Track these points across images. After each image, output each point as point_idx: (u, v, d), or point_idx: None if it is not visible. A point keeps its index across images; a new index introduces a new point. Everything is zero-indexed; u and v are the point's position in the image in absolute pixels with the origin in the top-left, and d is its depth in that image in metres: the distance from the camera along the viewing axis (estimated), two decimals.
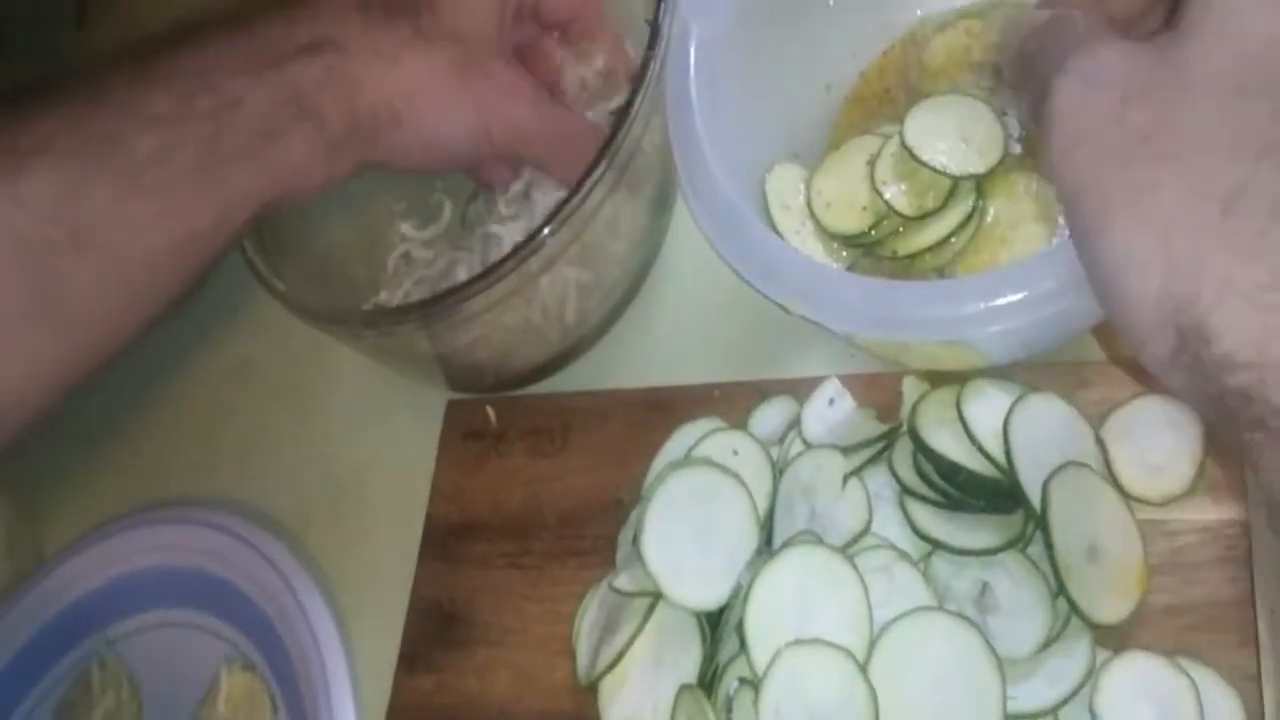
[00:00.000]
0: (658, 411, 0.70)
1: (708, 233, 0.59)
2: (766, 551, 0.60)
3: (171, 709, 0.77)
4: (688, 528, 0.60)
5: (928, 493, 0.59)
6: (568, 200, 0.64)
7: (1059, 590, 0.55)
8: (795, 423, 0.65)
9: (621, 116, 0.65)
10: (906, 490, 0.60)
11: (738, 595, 0.59)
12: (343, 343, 0.71)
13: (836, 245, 0.68)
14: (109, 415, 0.91)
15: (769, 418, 0.66)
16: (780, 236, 0.66)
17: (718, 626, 0.60)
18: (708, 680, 0.59)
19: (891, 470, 0.61)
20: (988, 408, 0.59)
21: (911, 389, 0.63)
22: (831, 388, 0.65)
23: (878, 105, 0.72)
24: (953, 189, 0.64)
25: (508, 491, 0.73)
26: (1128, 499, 0.57)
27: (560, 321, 0.71)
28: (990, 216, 0.65)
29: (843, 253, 0.68)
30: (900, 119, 0.65)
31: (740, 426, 0.66)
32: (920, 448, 0.59)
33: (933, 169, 0.64)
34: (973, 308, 0.51)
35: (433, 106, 0.66)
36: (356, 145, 0.65)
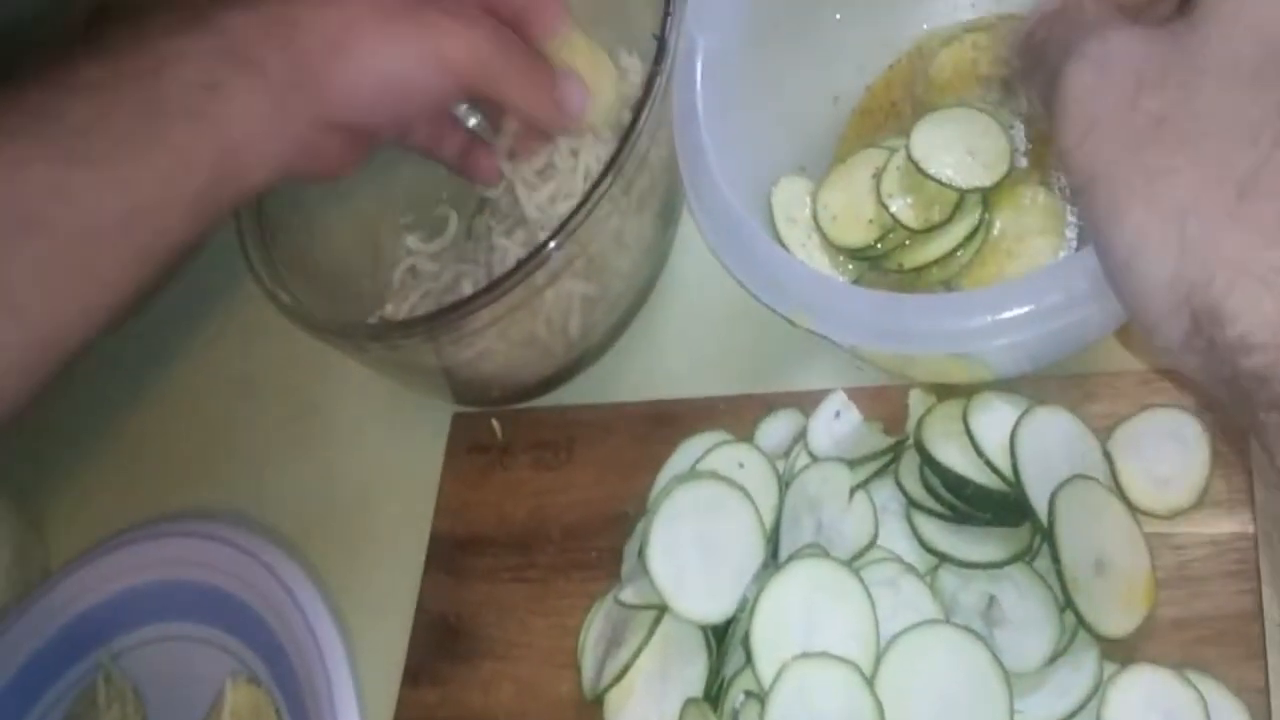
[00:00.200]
0: (663, 424, 0.70)
1: (713, 246, 0.59)
2: (773, 564, 0.60)
3: None
4: (693, 541, 0.60)
5: (934, 506, 0.59)
6: (573, 214, 0.64)
7: (1066, 603, 0.55)
8: (801, 435, 0.65)
9: (628, 130, 0.65)
10: (913, 503, 0.60)
11: (744, 608, 0.59)
12: (348, 355, 0.71)
13: (842, 258, 0.68)
14: (114, 427, 0.91)
15: (775, 430, 0.66)
16: (786, 249, 0.66)
17: (723, 640, 0.60)
18: (714, 694, 0.59)
19: (898, 483, 0.60)
20: (994, 421, 0.59)
21: (918, 402, 0.63)
22: (838, 400, 0.65)
23: (884, 118, 0.73)
24: (959, 202, 0.64)
25: (513, 504, 0.73)
26: (1135, 512, 0.57)
27: (565, 335, 0.71)
28: (996, 230, 0.65)
29: (849, 266, 0.68)
30: (906, 132, 0.65)
31: (746, 439, 0.66)
32: (927, 461, 0.59)
33: (939, 182, 0.64)
34: (979, 321, 0.51)
35: (379, 33, 0.62)
36: (304, 92, 0.61)
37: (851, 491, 0.60)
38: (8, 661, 0.78)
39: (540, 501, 0.72)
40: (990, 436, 0.58)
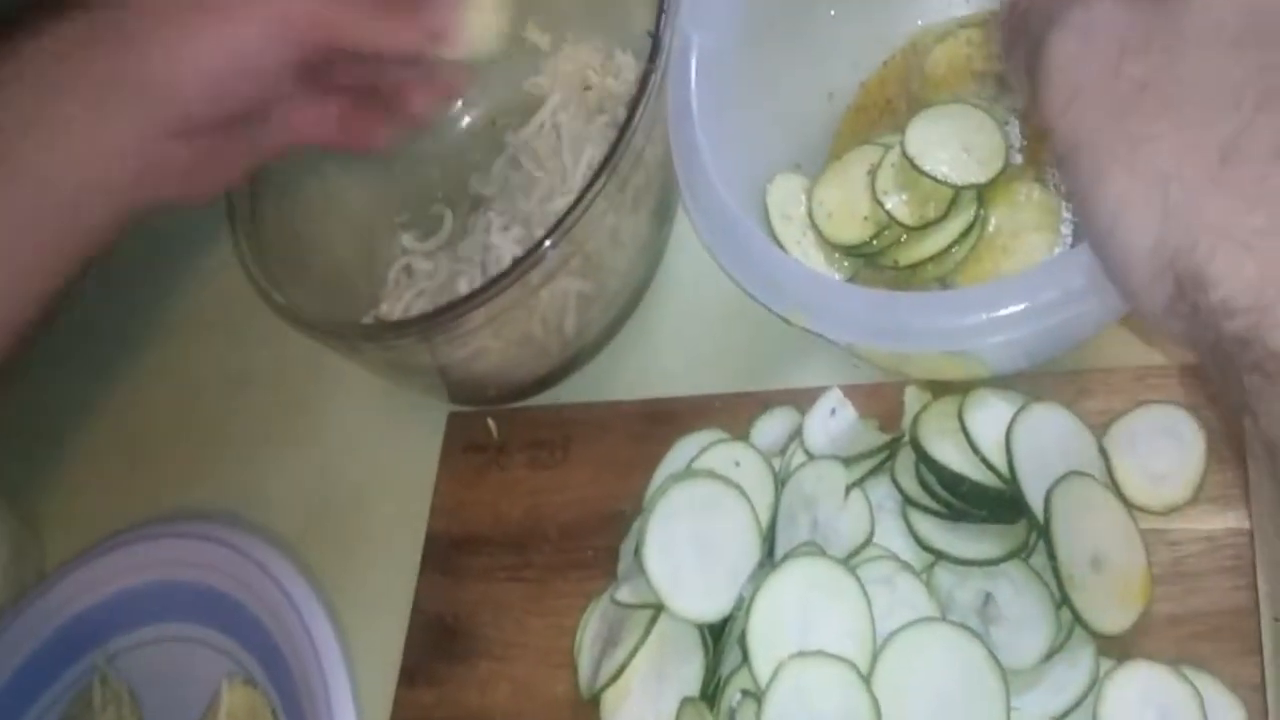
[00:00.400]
0: (659, 423, 0.70)
1: (708, 244, 0.59)
2: (769, 563, 0.60)
3: None
4: (689, 540, 0.60)
5: (930, 503, 0.59)
6: (569, 212, 0.64)
7: (1062, 600, 0.55)
8: (797, 433, 0.65)
9: (623, 128, 0.65)
10: (909, 501, 0.60)
11: (740, 607, 0.59)
12: (343, 356, 0.71)
13: (838, 255, 0.68)
14: (109, 427, 0.91)
15: (771, 429, 0.66)
16: (781, 247, 0.66)
17: (720, 638, 0.60)
18: (710, 693, 0.59)
19: (894, 481, 0.60)
20: (990, 418, 0.59)
21: (913, 399, 0.63)
22: (833, 398, 0.65)
23: (879, 115, 0.73)
24: (954, 199, 0.64)
25: (509, 504, 0.73)
26: (1130, 508, 0.57)
27: (561, 333, 0.71)
28: (992, 226, 0.65)
29: (844, 263, 0.68)
30: (902, 128, 0.65)
31: (742, 438, 0.66)
32: (923, 458, 0.59)
33: (934, 179, 0.64)
34: (975, 318, 0.51)
35: (202, 16, 0.57)
36: (129, 103, 0.56)
37: (847, 489, 0.60)
38: (3, 664, 0.78)
39: (536, 500, 0.72)
40: (986, 433, 0.58)
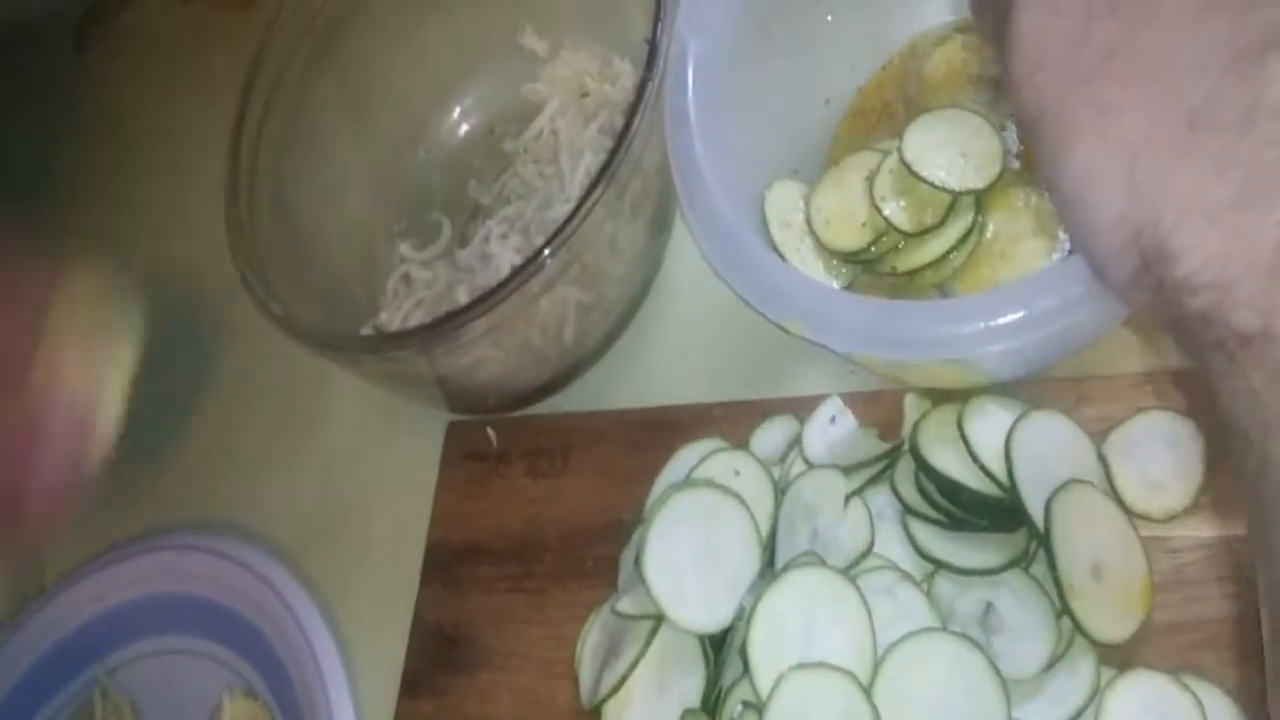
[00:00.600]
0: (659, 431, 0.70)
1: (707, 253, 0.59)
2: (769, 573, 0.60)
3: None
4: (690, 550, 0.60)
5: (930, 512, 0.59)
6: (567, 221, 0.64)
7: (1063, 609, 0.55)
8: (797, 442, 0.64)
9: (620, 136, 0.64)
10: (909, 510, 0.60)
11: (741, 618, 0.59)
12: (341, 367, 0.71)
13: (836, 262, 0.68)
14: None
15: (770, 437, 0.66)
16: (780, 254, 0.66)
17: (721, 650, 0.60)
18: (711, 704, 0.59)
19: (894, 489, 0.60)
20: (989, 425, 0.59)
21: (913, 407, 0.63)
22: (833, 406, 0.65)
23: (876, 120, 0.72)
24: (952, 204, 0.64)
25: (509, 513, 0.73)
26: (1130, 516, 0.57)
27: (560, 342, 0.71)
28: (990, 232, 0.65)
29: (842, 269, 0.68)
30: (899, 134, 0.65)
31: (741, 446, 0.66)
32: (922, 467, 0.59)
33: (931, 185, 0.64)
34: (973, 327, 0.51)
35: None
36: None
37: (847, 498, 0.60)
38: (3, 678, 0.78)
39: (536, 510, 0.72)
40: (985, 442, 0.58)
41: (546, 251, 0.63)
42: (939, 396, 0.62)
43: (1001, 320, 0.50)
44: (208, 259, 0.76)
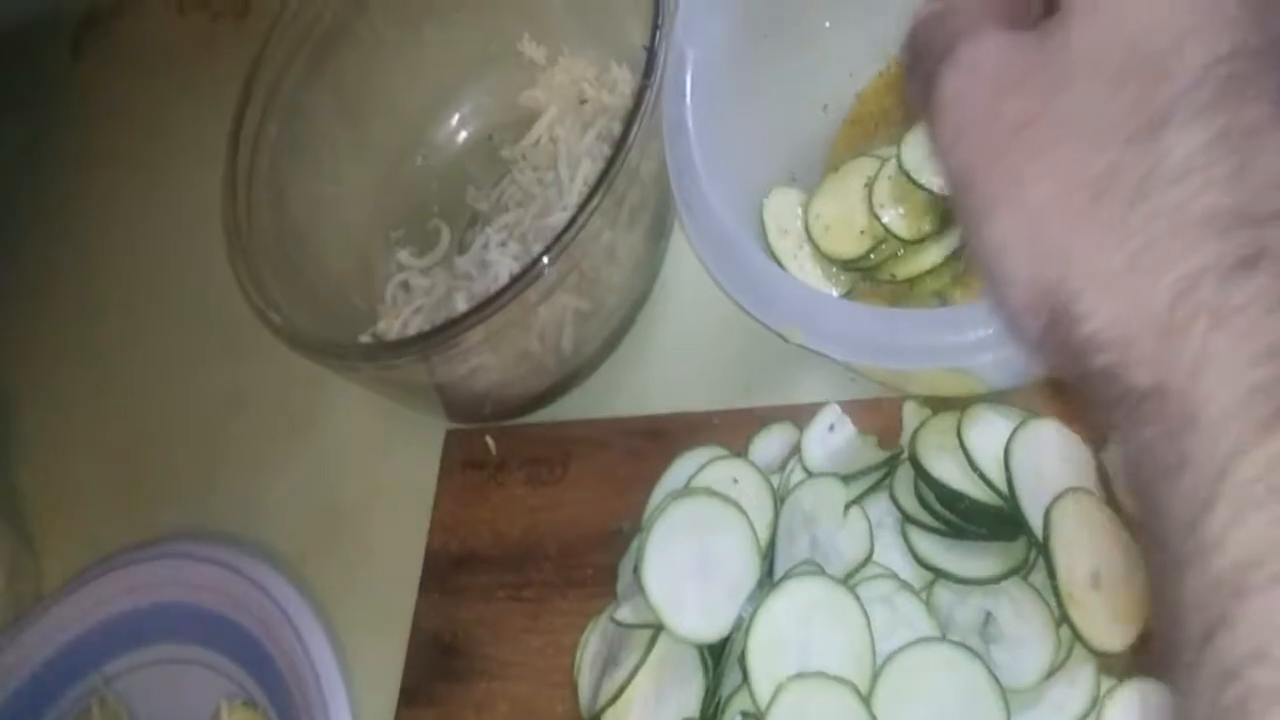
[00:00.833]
0: (657, 439, 0.70)
1: (705, 261, 0.59)
2: (768, 582, 0.60)
3: None
4: (689, 558, 0.60)
5: (929, 520, 0.59)
6: (566, 228, 0.63)
7: (1062, 618, 0.54)
8: (796, 450, 0.64)
9: (619, 144, 0.64)
10: (908, 518, 0.59)
11: (740, 627, 0.58)
12: (340, 375, 0.71)
13: (835, 269, 0.68)
14: (107, 447, 0.91)
15: (769, 445, 0.66)
16: (778, 261, 0.66)
17: (720, 659, 0.60)
18: (710, 714, 0.59)
19: (893, 498, 0.60)
20: (989, 434, 0.58)
21: (912, 414, 0.63)
22: (832, 414, 0.65)
23: (875, 127, 0.72)
24: (951, 212, 0.64)
25: (508, 521, 0.73)
26: (1129, 524, 0.57)
27: (558, 350, 0.71)
28: None
29: (841, 277, 0.68)
30: (898, 140, 0.65)
31: (740, 454, 0.65)
32: (921, 475, 0.59)
33: (930, 192, 0.63)
34: (973, 335, 0.51)
35: None
36: None
37: (846, 507, 0.60)
38: (2, 685, 0.78)
39: (535, 518, 0.72)
40: (985, 450, 0.58)
41: (545, 259, 0.63)
42: (938, 404, 0.62)
43: (1000, 328, 0.50)
44: (205, 267, 0.76)
